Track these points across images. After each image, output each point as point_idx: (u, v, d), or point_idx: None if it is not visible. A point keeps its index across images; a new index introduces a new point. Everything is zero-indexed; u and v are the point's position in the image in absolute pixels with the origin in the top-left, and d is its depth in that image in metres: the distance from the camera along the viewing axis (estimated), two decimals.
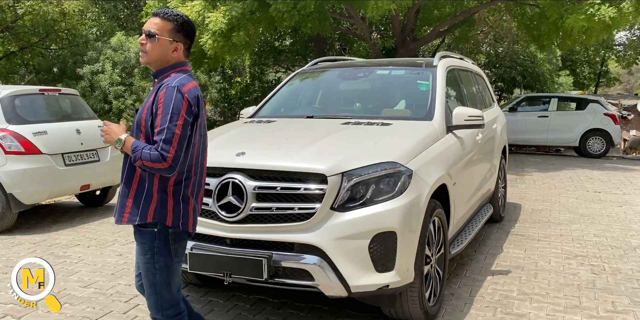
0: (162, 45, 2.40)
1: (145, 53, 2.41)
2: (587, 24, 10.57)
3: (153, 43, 2.39)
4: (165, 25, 2.39)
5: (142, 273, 2.49)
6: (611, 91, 39.86)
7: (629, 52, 24.71)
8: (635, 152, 18.32)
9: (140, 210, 2.38)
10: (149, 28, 2.38)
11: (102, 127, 2.43)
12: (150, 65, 2.46)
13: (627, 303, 3.92)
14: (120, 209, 2.44)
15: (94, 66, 16.08)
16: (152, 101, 2.37)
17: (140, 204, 2.38)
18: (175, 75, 2.40)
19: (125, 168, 2.43)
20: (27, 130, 5.81)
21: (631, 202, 7.56)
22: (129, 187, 2.42)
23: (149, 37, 2.39)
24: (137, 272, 2.69)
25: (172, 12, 2.42)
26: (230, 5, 11.80)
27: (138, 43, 12.10)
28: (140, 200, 2.38)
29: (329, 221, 3.03)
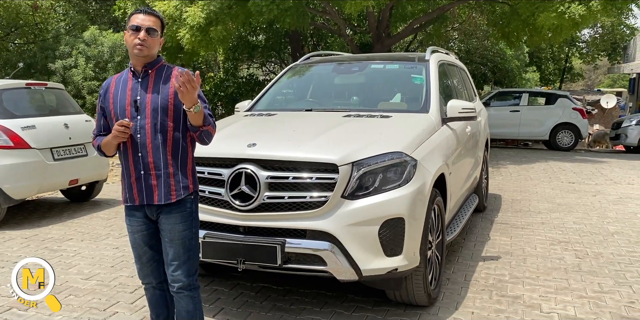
0: (158, 40, 2.64)
1: (146, 47, 2.58)
2: (557, 22, 10.95)
3: (154, 38, 2.60)
4: (158, 22, 2.63)
5: (176, 243, 2.66)
6: (574, 87, 41.07)
7: (592, 48, 25.51)
8: (599, 145, 19.01)
9: (184, 183, 2.65)
10: (149, 25, 2.59)
11: (184, 76, 2.40)
12: (146, 58, 2.63)
13: (612, 284, 4.16)
14: (165, 190, 2.61)
15: (67, 61, 15.80)
16: (175, 89, 2.52)
17: (185, 177, 2.66)
18: (172, 65, 2.68)
19: (160, 151, 2.59)
20: (15, 124, 5.76)
21: (603, 191, 7.92)
22: (167, 166, 2.61)
23: (149, 33, 2.57)
24: (148, 259, 2.78)
25: (157, 12, 2.67)
26: (208, 0, 11.77)
27: (111, 37, 11.92)
28: (185, 172, 2.66)
29: (340, 209, 3.16)
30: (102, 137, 2.73)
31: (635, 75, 24.97)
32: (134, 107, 2.58)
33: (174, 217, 2.65)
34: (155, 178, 2.60)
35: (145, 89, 2.60)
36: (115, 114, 2.62)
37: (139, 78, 2.64)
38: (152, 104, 2.58)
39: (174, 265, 2.68)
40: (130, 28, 2.58)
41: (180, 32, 12.05)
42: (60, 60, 15.89)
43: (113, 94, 2.65)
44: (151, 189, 2.61)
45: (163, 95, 2.59)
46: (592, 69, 33.83)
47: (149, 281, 2.85)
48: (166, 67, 2.67)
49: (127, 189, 2.68)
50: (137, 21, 2.58)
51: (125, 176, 2.69)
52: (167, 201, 2.62)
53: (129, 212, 2.74)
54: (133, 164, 2.62)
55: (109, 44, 16.51)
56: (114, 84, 2.69)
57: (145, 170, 2.60)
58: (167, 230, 2.67)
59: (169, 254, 2.68)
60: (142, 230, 2.73)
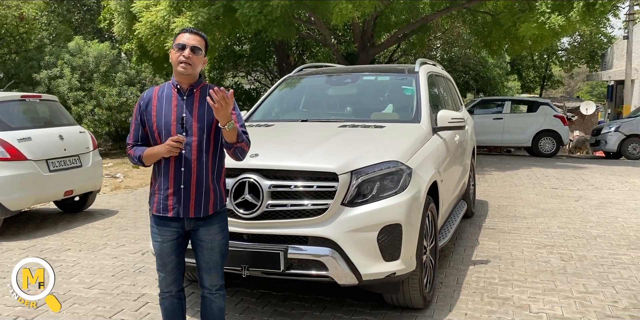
0: (201, 59, 2.73)
1: (190, 65, 2.68)
2: (538, 32, 11.28)
3: (198, 57, 2.70)
4: (203, 42, 2.73)
5: (215, 251, 2.83)
6: (554, 94, 41.83)
7: (572, 57, 26.11)
8: (579, 151, 19.46)
9: (220, 196, 2.83)
10: (194, 44, 2.69)
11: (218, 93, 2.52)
12: (190, 76, 2.74)
13: (596, 285, 4.36)
14: (204, 204, 2.76)
15: (52, 71, 15.76)
16: None
17: (220, 191, 2.83)
18: (211, 85, 2.76)
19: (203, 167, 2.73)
20: (11, 136, 5.82)
21: (585, 197, 8.17)
22: (207, 181, 2.75)
23: (194, 51, 2.68)
24: (172, 268, 2.89)
25: (202, 32, 2.78)
26: (196, 10, 11.91)
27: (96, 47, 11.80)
28: (219, 187, 2.82)
29: (340, 216, 3.31)
30: (140, 147, 2.81)
31: (613, 82, 25.61)
32: (180, 124, 2.67)
33: (214, 227, 2.81)
34: (195, 193, 2.73)
35: (191, 107, 2.72)
36: (159, 128, 2.72)
37: (184, 96, 2.75)
38: (198, 122, 2.70)
39: (213, 271, 2.86)
40: (176, 46, 2.69)
41: (168, 43, 12.14)
42: (45, 71, 15.82)
43: (157, 108, 2.75)
44: (188, 202, 2.73)
45: (208, 114, 2.71)
46: (571, 76, 34.52)
47: (170, 290, 2.94)
48: (208, 87, 2.78)
49: (162, 200, 2.76)
50: (183, 40, 2.69)
51: (160, 187, 2.77)
52: (204, 214, 2.76)
53: (160, 222, 2.81)
54: (174, 178, 2.72)
55: (94, 54, 16.50)
56: (156, 98, 2.77)
57: (185, 185, 2.72)
58: (208, 240, 2.81)
59: (208, 261, 2.84)
60: (172, 240, 2.83)
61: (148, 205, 2.92)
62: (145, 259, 5.10)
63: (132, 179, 10.45)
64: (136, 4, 12.76)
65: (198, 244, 2.83)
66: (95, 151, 6.85)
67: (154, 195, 2.81)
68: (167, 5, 12.21)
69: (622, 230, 6.13)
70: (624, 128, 14.16)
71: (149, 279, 4.56)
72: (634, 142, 14.01)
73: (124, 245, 5.62)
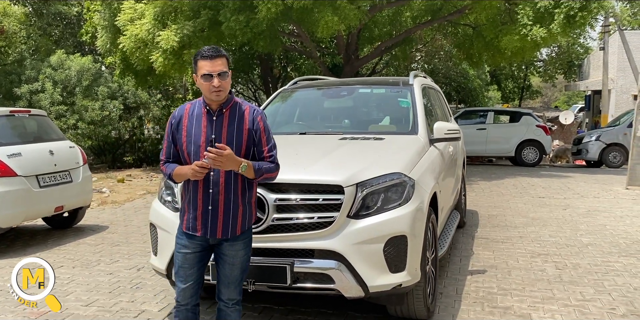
0: (230, 79, 2.73)
1: (222, 91, 2.68)
2: (520, 44, 11.52)
3: (227, 80, 2.69)
4: (225, 60, 2.70)
5: (237, 267, 2.84)
6: (532, 104, 42.53)
7: (550, 67, 26.64)
8: (560, 160, 19.77)
9: (249, 216, 2.85)
10: (219, 70, 2.65)
11: (210, 155, 2.53)
12: (223, 99, 2.74)
13: (593, 292, 4.43)
14: (232, 226, 2.77)
15: (33, 85, 15.57)
16: (249, 128, 2.74)
17: (249, 211, 2.83)
18: (241, 101, 2.78)
19: (232, 190, 2.74)
20: (1, 152, 5.73)
21: (573, 205, 8.30)
22: (236, 204, 2.76)
23: (221, 77, 2.66)
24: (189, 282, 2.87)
25: (219, 48, 2.73)
26: (182, 23, 11.91)
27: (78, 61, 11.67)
28: (248, 208, 2.83)
29: (346, 228, 3.33)
30: (171, 164, 2.82)
31: (591, 92, 26.14)
32: (209, 145, 2.64)
33: (239, 244, 2.83)
34: (223, 214, 2.74)
35: (220, 128, 2.72)
36: (188, 148, 2.73)
37: (214, 116, 2.74)
38: (227, 143, 2.68)
39: (232, 286, 2.87)
40: (202, 78, 2.65)
41: (153, 56, 12.11)
42: (26, 85, 15.63)
43: (187, 128, 2.74)
44: (216, 224, 2.74)
45: (238, 134, 2.72)
46: (549, 86, 35.19)
47: (187, 302, 2.91)
48: (238, 105, 2.78)
49: (191, 220, 2.78)
50: (207, 69, 2.63)
51: (190, 207, 2.78)
52: (232, 235, 2.77)
53: (186, 236, 2.83)
54: (202, 199, 2.73)
55: (77, 68, 16.36)
56: (186, 117, 2.77)
57: (213, 206, 2.73)
58: (231, 255, 2.82)
59: (229, 275, 2.85)
60: (196, 252, 2.83)
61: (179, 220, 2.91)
62: (141, 275, 5.03)
63: (118, 193, 10.33)
64: (120, 18, 12.73)
65: (221, 257, 2.85)
66: (85, 166, 6.78)
67: (184, 213, 2.83)
68: (152, 19, 12.19)
69: (612, 237, 6.23)
70: (604, 137, 14.45)
71: (147, 295, 4.50)
72: (614, 151, 14.29)
73: (118, 261, 5.55)
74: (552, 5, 10.78)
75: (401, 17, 15.50)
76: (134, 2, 12.94)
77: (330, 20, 10.93)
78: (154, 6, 12.19)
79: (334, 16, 10.93)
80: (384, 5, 12.69)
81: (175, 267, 2.89)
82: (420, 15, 15.27)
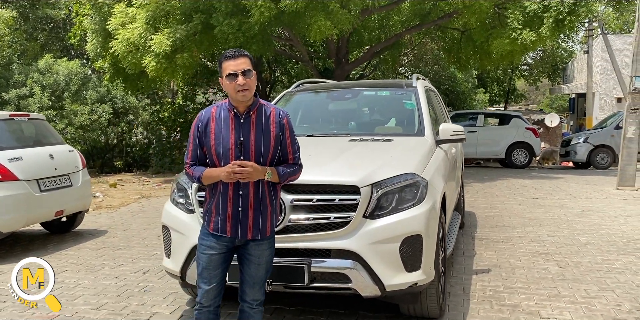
0: (254, 78, 2.74)
1: (248, 90, 2.70)
2: (510, 47, 11.69)
3: (252, 79, 2.70)
4: (248, 60, 2.73)
5: (262, 266, 2.87)
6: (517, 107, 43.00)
7: (534, 71, 27.02)
8: (547, 162, 20.03)
9: (275, 218, 2.89)
10: (243, 68, 2.68)
11: (237, 169, 2.60)
12: (250, 99, 2.75)
13: (597, 290, 4.52)
14: (262, 227, 2.81)
15: (21, 90, 15.42)
16: (276, 131, 2.78)
17: (276, 212, 2.89)
18: (266, 103, 2.81)
19: (260, 192, 2.77)
20: (2, 156, 5.69)
21: (567, 205, 8.44)
22: (265, 205, 2.81)
23: (246, 75, 2.68)
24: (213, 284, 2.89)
25: (242, 50, 2.78)
26: (174, 27, 11.89)
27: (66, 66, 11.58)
28: (276, 209, 2.89)
29: (362, 228, 3.37)
30: (198, 167, 2.82)
31: (575, 95, 26.55)
32: (238, 148, 2.67)
33: (265, 243, 2.85)
34: (253, 216, 2.76)
35: (248, 130, 2.73)
36: (217, 151, 2.73)
37: (241, 119, 2.75)
38: (256, 145, 2.72)
39: (257, 286, 2.88)
40: (227, 78, 2.68)
41: (145, 60, 12.06)
42: (14, 90, 15.48)
43: (215, 131, 2.75)
44: (246, 225, 2.76)
45: (265, 136, 2.74)
46: (533, 89, 35.64)
47: (210, 304, 2.90)
48: (264, 107, 2.81)
49: (220, 222, 2.78)
50: (231, 68, 2.67)
51: (219, 209, 2.77)
52: (262, 236, 2.80)
53: (212, 236, 2.82)
54: (232, 200, 2.74)
55: (65, 72, 16.25)
56: (214, 120, 2.77)
57: (243, 208, 2.74)
58: (257, 255, 2.84)
59: (254, 275, 2.87)
60: (222, 253, 2.84)
61: (201, 220, 2.95)
62: (148, 278, 5.02)
63: (112, 198, 10.27)
64: (112, 22, 12.67)
65: (246, 257, 2.86)
66: (84, 170, 6.74)
67: (211, 215, 2.82)
68: (144, 22, 12.15)
69: (609, 237, 6.35)
70: (592, 139, 14.70)
71: (156, 298, 4.49)
72: (602, 153, 14.54)
73: (122, 265, 5.52)
74: (542, 9, 10.96)
75: (390, 21, 15.64)
76: (125, 6, 12.89)
77: (323, 25, 10.99)
78: (146, 10, 12.16)
79: (326, 21, 11.00)
80: (375, 9, 12.78)
81: (199, 268, 2.88)
82: (409, 20, 15.42)
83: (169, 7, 12.05)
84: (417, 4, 14.48)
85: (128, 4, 12.90)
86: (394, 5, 13.92)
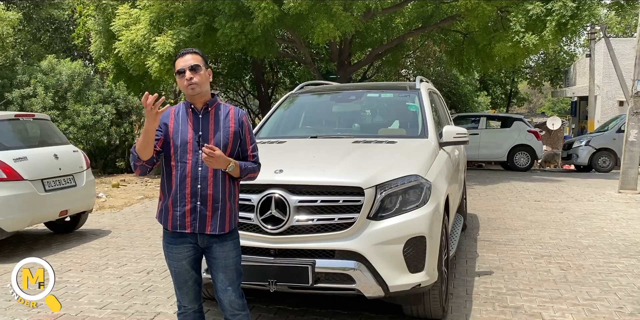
0: (205, 74, 2.79)
1: (197, 84, 2.74)
2: (512, 51, 11.71)
3: (200, 73, 2.75)
4: (198, 57, 2.79)
5: (230, 269, 2.83)
6: (519, 110, 43.01)
7: (537, 74, 27.03)
8: (549, 165, 20.02)
9: (235, 214, 2.87)
10: (191, 63, 2.74)
11: (206, 151, 2.59)
12: (201, 94, 2.79)
13: (599, 292, 4.54)
14: (220, 221, 2.78)
15: (25, 90, 15.47)
16: (235, 127, 2.81)
17: (235, 209, 2.87)
18: (224, 103, 2.89)
19: (219, 185, 2.77)
20: (7, 156, 5.72)
21: (569, 208, 8.45)
22: (224, 199, 2.78)
23: (193, 71, 2.73)
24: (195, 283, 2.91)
25: (193, 49, 2.86)
26: (178, 29, 11.94)
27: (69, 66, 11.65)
28: (234, 206, 2.87)
29: (366, 229, 3.39)
30: None
31: (577, 98, 26.56)
32: (197, 142, 2.72)
33: (228, 244, 2.82)
34: (212, 210, 2.76)
35: (207, 125, 2.78)
36: (175, 146, 2.76)
37: (199, 115, 2.80)
38: (215, 140, 2.75)
39: (229, 290, 2.83)
40: (177, 74, 2.76)
41: (148, 61, 12.12)
42: (17, 90, 15.53)
43: (174, 126, 2.79)
44: (205, 219, 2.75)
45: (224, 132, 2.78)
46: (535, 92, 35.65)
47: (193, 306, 2.93)
48: (222, 106, 2.86)
49: (179, 217, 2.77)
50: (180, 65, 2.75)
51: (176, 204, 2.77)
52: (220, 231, 2.78)
53: (175, 240, 2.81)
54: (190, 194, 2.74)
55: (68, 73, 16.30)
56: (172, 116, 2.81)
57: (202, 202, 2.74)
58: (222, 257, 2.81)
59: (224, 280, 2.82)
60: (190, 256, 2.83)
61: (159, 222, 2.89)
62: (152, 278, 5.05)
63: (114, 198, 10.29)
64: (115, 23, 12.73)
65: (213, 262, 2.84)
66: (88, 170, 6.78)
67: (168, 212, 2.79)
68: (147, 24, 12.20)
69: (610, 239, 6.37)
70: (594, 142, 14.70)
71: (160, 297, 4.52)
72: (604, 156, 14.55)
73: (125, 264, 5.55)
74: (544, 12, 10.98)
75: (392, 23, 15.67)
76: (129, 7, 12.96)
77: (326, 27, 11.04)
78: (150, 11, 12.21)
79: (329, 23, 11.04)
80: (378, 11, 12.82)
81: (172, 275, 2.89)
82: (412, 22, 15.46)
83: (173, 8, 12.09)
84: (419, 7, 14.53)
85: (132, 5, 12.96)
86: (396, 8, 13.96)
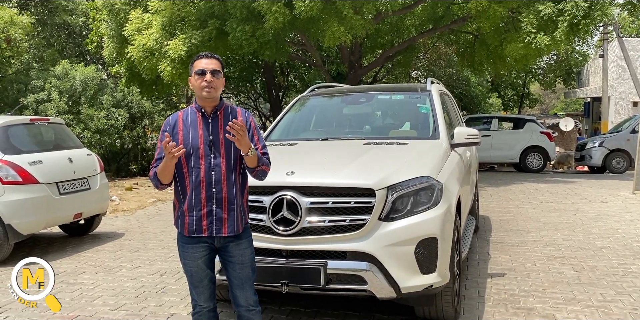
0: (222, 80, 2.87)
1: (214, 88, 2.80)
2: (524, 51, 11.65)
3: (219, 79, 2.82)
4: (219, 64, 2.85)
5: (246, 266, 2.91)
6: (531, 112, 42.73)
7: (550, 75, 26.85)
8: (562, 167, 19.86)
9: (246, 214, 2.94)
10: (213, 67, 2.81)
11: (235, 126, 2.61)
12: (213, 98, 2.85)
13: (613, 294, 4.50)
14: (236, 222, 2.84)
15: (39, 95, 15.67)
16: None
17: (245, 209, 2.93)
18: (231, 105, 2.95)
19: (233, 187, 2.83)
20: (23, 160, 5.81)
21: (582, 210, 8.39)
22: (238, 201, 2.84)
23: (214, 75, 2.79)
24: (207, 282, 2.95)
25: (215, 54, 2.91)
26: (189, 33, 12.03)
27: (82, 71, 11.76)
28: (245, 205, 2.93)
29: (378, 230, 3.40)
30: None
31: (590, 99, 26.33)
32: (208, 146, 2.76)
33: (243, 243, 2.89)
34: (227, 212, 2.81)
35: (217, 130, 2.82)
36: (187, 152, 2.78)
37: (209, 119, 2.84)
38: (226, 144, 2.79)
39: (245, 287, 2.90)
40: (195, 73, 2.80)
41: (161, 65, 12.22)
42: (32, 95, 15.73)
43: (183, 132, 2.82)
44: (221, 221, 2.81)
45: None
46: (547, 93, 35.40)
47: (208, 304, 2.97)
48: (230, 108, 2.90)
49: (195, 222, 2.82)
50: (202, 65, 2.80)
51: (192, 209, 2.81)
52: (237, 232, 2.84)
53: (191, 240, 2.86)
54: (205, 199, 2.79)
55: (81, 78, 16.48)
56: (181, 122, 2.85)
57: (217, 205, 2.80)
58: (238, 255, 2.88)
59: (240, 277, 2.89)
60: (205, 255, 2.89)
61: (175, 228, 2.94)
62: (165, 280, 5.09)
63: (127, 201, 10.38)
64: (128, 28, 12.85)
65: (229, 260, 2.90)
66: (102, 174, 6.85)
67: (184, 217, 2.84)
68: (159, 28, 12.31)
69: (625, 241, 6.31)
70: (607, 143, 14.57)
71: (174, 299, 4.56)
72: (618, 157, 14.41)
73: (139, 266, 5.60)
74: (556, 13, 10.92)
75: (403, 24, 15.65)
76: (141, 12, 13.08)
77: (337, 31, 11.05)
78: (162, 16, 12.31)
79: (340, 26, 11.06)
80: (389, 13, 12.82)
81: (188, 276, 2.93)
82: (423, 24, 15.43)
83: (184, 13, 12.20)
84: (430, 9, 14.50)
85: (144, 10, 13.08)
86: (407, 10, 13.95)
